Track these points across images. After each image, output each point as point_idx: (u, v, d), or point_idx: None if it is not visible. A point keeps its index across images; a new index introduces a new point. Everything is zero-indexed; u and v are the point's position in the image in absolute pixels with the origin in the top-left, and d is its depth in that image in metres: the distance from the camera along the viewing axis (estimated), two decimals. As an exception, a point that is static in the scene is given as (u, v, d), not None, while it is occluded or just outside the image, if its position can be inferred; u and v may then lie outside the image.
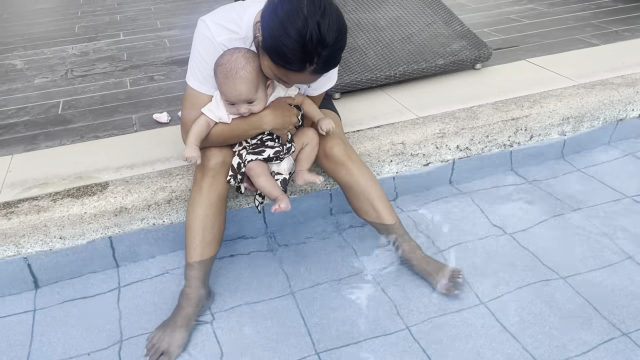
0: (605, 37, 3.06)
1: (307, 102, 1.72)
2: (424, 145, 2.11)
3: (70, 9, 4.87)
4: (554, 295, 1.63)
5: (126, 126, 2.34)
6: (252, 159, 1.63)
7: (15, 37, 3.98)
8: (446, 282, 1.65)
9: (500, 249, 1.84)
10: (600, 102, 2.33)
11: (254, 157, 1.63)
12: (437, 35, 2.63)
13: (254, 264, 1.84)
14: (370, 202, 1.75)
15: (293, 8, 1.32)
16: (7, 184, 1.92)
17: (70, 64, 3.25)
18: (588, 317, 1.54)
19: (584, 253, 1.79)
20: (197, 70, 1.59)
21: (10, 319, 1.67)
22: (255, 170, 1.63)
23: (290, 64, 1.36)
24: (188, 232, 1.65)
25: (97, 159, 2.05)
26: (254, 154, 1.64)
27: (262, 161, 1.64)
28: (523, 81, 2.51)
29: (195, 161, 1.54)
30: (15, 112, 2.58)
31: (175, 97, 2.62)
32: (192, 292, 1.60)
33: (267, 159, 1.64)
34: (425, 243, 1.86)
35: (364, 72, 2.40)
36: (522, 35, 3.20)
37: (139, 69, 3.09)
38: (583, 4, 3.80)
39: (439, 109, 2.27)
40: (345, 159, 1.75)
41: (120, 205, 1.79)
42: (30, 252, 1.75)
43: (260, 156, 1.63)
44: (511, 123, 2.20)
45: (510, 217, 1.99)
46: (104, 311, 1.68)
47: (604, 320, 1.53)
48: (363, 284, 1.73)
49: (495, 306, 1.60)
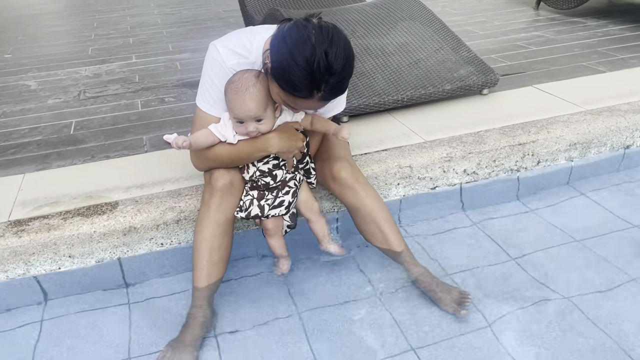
0: (611, 64, 3.08)
1: (315, 118, 1.72)
2: (431, 169, 2.12)
3: (84, 32, 4.97)
4: (560, 319, 1.62)
5: (137, 147, 2.38)
6: (274, 215, 1.69)
7: (29, 58, 4.06)
8: (454, 304, 1.65)
9: (507, 273, 1.83)
10: (607, 128, 2.34)
11: (276, 211, 1.69)
12: (444, 61, 2.66)
13: (259, 285, 1.85)
14: (377, 225, 1.76)
15: (301, 36, 1.35)
16: (19, 202, 1.94)
17: (83, 86, 3.31)
18: (596, 340, 1.53)
19: (592, 279, 1.78)
20: (207, 94, 1.62)
21: (17, 331, 1.68)
22: (272, 230, 1.73)
23: (298, 91, 1.39)
24: (195, 253, 1.66)
25: (107, 179, 2.08)
26: (274, 207, 1.69)
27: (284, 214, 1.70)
28: (530, 107, 2.53)
29: (180, 143, 1.53)
30: (28, 132, 2.62)
31: (185, 119, 2.66)
32: (199, 312, 1.61)
33: (287, 207, 1.70)
34: (432, 267, 1.85)
35: (372, 96, 2.43)
36: (529, 61, 3.23)
37: (150, 91, 3.15)
38: (589, 31, 3.84)
39: (446, 133, 2.29)
40: (352, 182, 1.76)
41: (130, 224, 1.81)
42: (39, 270, 1.77)
43: (281, 207, 1.69)
44: (518, 148, 2.22)
45: (517, 241, 1.99)
46: (112, 327, 1.69)
47: (612, 341, 1.52)
48: (369, 305, 1.72)
49: (501, 328, 1.59)
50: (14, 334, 1.69)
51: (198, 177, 1.99)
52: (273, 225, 1.73)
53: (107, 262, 1.82)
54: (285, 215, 1.72)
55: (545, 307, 1.68)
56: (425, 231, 2.08)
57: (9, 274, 1.75)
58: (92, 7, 6.38)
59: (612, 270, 1.82)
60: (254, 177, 1.68)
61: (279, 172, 1.67)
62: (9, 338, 1.67)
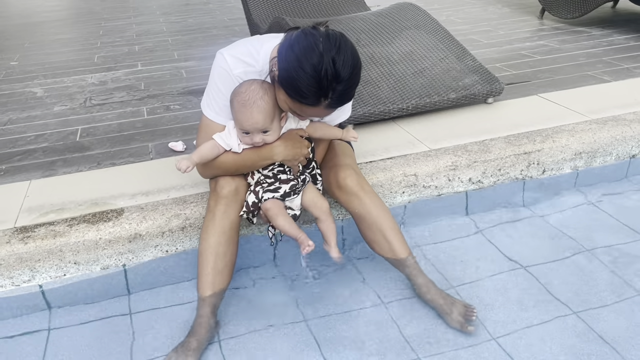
0: (616, 74, 3.08)
1: (320, 125, 1.73)
2: (436, 178, 2.12)
3: (90, 39, 4.99)
4: (567, 331, 1.61)
5: (142, 154, 2.39)
6: (268, 197, 1.65)
7: (36, 65, 4.08)
8: (460, 318, 1.63)
9: (512, 284, 1.82)
10: (612, 137, 2.34)
11: (271, 195, 1.65)
12: (449, 70, 2.67)
13: (265, 292, 1.84)
14: (382, 233, 1.75)
15: (309, 44, 1.36)
16: (25, 208, 1.95)
17: (89, 93, 3.33)
18: (602, 354, 1.52)
19: (598, 289, 1.77)
20: (213, 101, 1.63)
21: (22, 338, 1.69)
22: (273, 210, 1.64)
23: (305, 98, 1.39)
24: (200, 260, 1.66)
25: (113, 186, 2.08)
26: (270, 191, 1.66)
27: (279, 199, 1.66)
28: (535, 116, 2.53)
29: (180, 168, 1.55)
30: (34, 139, 2.63)
31: (190, 127, 2.67)
32: (204, 319, 1.60)
33: (283, 195, 1.66)
34: (437, 277, 1.85)
35: (376, 104, 2.43)
36: (534, 70, 3.24)
37: (155, 98, 3.16)
38: (594, 40, 3.84)
39: (451, 142, 2.29)
40: (358, 190, 1.76)
41: (135, 231, 1.81)
42: (44, 277, 1.77)
43: (277, 193, 1.65)
44: (523, 157, 2.21)
45: (523, 251, 1.98)
46: (115, 335, 1.68)
47: (619, 357, 1.51)
48: (375, 315, 1.72)
49: (506, 342, 1.58)
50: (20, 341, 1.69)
51: (203, 184, 2.00)
52: (272, 204, 1.64)
53: (112, 269, 1.82)
54: (282, 200, 1.66)
55: (553, 318, 1.67)
56: (430, 240, 2.08)
57: (15, 281, 1.75)
58: (98, 15, 6.42)
59: (619, 283, 1.80)
60: (259, 181, 1.68)
61: (283, 177, 1.68)
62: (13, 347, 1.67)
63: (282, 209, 1.66)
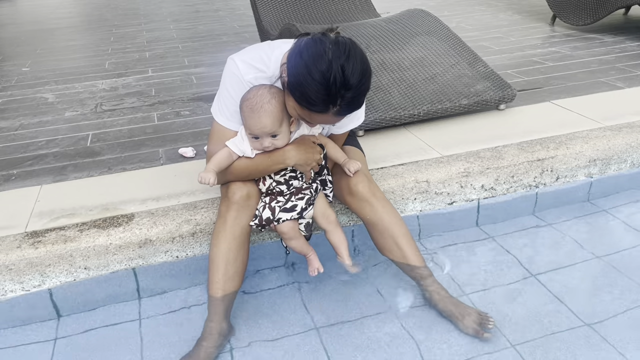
0: (630, 81, 3.05)
1: (330, 145, 1.74)
2: (448, 184, 2.10)
3: (101, 46, 5.03)
4: (581, 341, 1.58)
5: (153, 159, 2.38)
6: (285, 219, 1.65)
7: (47, 71, 4.11)
8: (474, 325, 1.60)
9: (525, 292, 1.80)
10: (627, 144, 2.31)
11: (288, 215, 1.65)
12: (461, 76, 2.65)
13: (276, 299, 1.83)
14: (394, 240, 1.73)
15: (318, 51, 1.35)
16: (36, 213, 1.95)
17: (100, 99, 3.34)
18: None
19: (613, 296, 1.74)
20: (224, 107, 1.62)
21: (31, 347, 1.67)
22: (288, 234, 1.67)
23: (313, 106, 1.38)
24: (211, 266, 1.65)
25: (123, 191, 2.08)
26: (286, 211, 1.65)
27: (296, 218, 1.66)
28: (548, 122, 2.50)
29: (208, 182, 1.54)
30: (46, 144, 2.64)
31: (201, 132, 2.67)
32: (214, 326, 1.59)
33: (300, 212, 1.66)
34: (450, 284, 1.83)
35: (388, 110, 2.42)
36: (546, 77, 3.21)
37: (166, 104, 3.16)
38: (606, 47, 3.81)
39: (463, 148, 2.27)
40: (369, 196, 1.74)
41: (145, 237, 1.80)
42: (54, 282, 1.77)
43: (293, 212, 1.65)
44: (537, 164, 2.19)
45: (536, 260, 1.95)
46: (125, 341, 1.67)
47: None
48: (386, 322, 1.69)
49: (523, 351, 1.56)
50: (28, 347, 1.68)
51: (214, 190, 1.99)
52: (288, 229, 1.67)
53: (122, 274, 1.81)
54: (298, 219, 1.69)
55: (566, 329, 1.64)
56: (442, 247, 2.05)
57: (25, 285, 1.75)
58: (109, 21, 6.47)
59: (633, 290, 1.77)
60: (271, 187, 1.67)
61: (295, 182, 1.67)
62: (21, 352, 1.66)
63: (297, 232, 1.69)
